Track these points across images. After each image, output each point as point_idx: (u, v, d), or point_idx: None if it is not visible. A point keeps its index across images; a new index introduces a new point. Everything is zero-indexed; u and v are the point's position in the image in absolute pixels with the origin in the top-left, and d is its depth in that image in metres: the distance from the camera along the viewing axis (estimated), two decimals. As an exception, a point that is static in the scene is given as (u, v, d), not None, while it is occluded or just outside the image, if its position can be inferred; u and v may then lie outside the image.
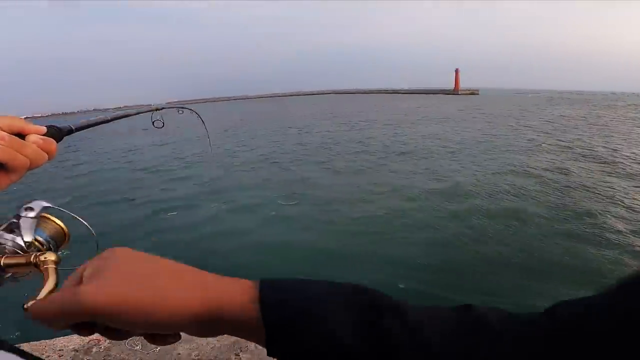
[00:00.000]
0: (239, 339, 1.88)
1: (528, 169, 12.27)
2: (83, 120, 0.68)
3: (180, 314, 0.33)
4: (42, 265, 0.39)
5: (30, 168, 0.51)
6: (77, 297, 0.31)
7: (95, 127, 0.73)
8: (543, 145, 16.66)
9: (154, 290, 0.33)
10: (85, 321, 0.33)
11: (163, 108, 1.16)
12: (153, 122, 1.13)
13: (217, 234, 8.01)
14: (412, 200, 9.47)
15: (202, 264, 0.37)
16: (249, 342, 1.56)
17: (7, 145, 0.47)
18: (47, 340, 1.70)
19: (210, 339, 1.74)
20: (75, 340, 1.70)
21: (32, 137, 0.51)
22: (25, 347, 1.64)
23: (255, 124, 36.94)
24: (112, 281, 0.33)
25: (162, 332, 0.35)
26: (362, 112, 43.57)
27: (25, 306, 0.35)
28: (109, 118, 0.79)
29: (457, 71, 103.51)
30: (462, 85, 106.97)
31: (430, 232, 7.43)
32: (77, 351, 1.61)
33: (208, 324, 0.34)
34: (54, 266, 0.39)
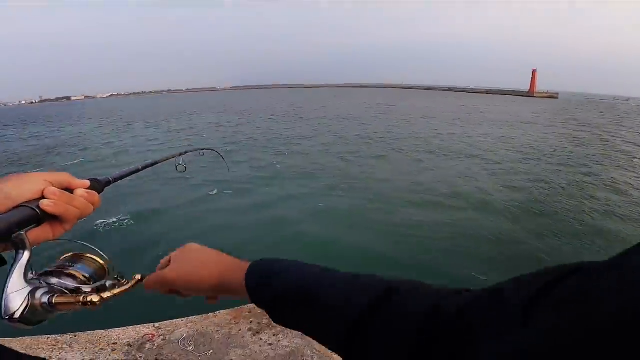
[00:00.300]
0: (294, 350, 1.69)
1: (616, 184, 10.77)
2: (118, 172, 0.78)
3: (207, 288, 0.56)
4: (88, 304, 0.50)
5: (79, 218, 0.58)
6: (160, 278, 0.58)
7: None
8: (635, 160, 14.59)
9: (196, 274, 0.57)
10: (169, 289, 0.58)
11: (186, 152, 1.26)
12: (176, 167, 1.22)
13: (261, 221, 7.96)
14: (477, 208, 8.68)
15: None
16: (305, 354, 1.27)
17: (59, 199, 0.53)
18: (101, 331, 1.61)
19: (264, 349, 1.57)
20: (130, 334, 1.60)
21: (79, 191, 0.58)
22: (80, 336, 1.60)
23: (315, 112, 37.07)
24: (178, 268, 0.57)
25: (204, 296, 0.58)
26: (423, 109, 41.82)
27: (143, 281, 0.59)
28: (140, 168, 0.90)
29: (534, 72, 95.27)
30: (539, 87, 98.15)
31: (497, 247, 6.68)
32: (130, 346, 1.52)
33: (223, 291, 0.56)
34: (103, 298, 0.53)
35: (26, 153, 19.75)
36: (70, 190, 0.57)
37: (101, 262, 0.57)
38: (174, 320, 1.58)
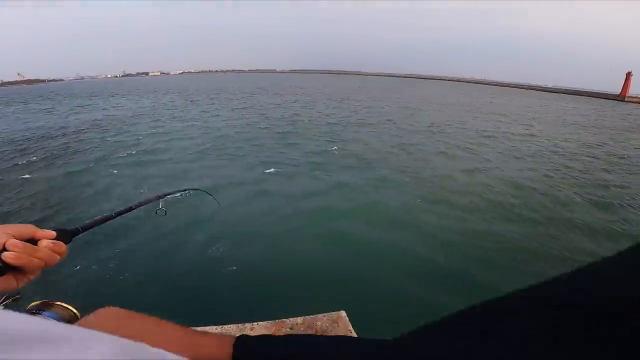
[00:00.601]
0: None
1: None
2: (88, 221, 0.75)
3: None
4: None
5: (45, 267, 0.58)
6: None
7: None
8: None
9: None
10: None
11: (165, 196, 1.17)
12: (156, 211, 1.13)
13: (305, 209, 7.66)
14: (551, 221, 7.63)
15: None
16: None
17: (21, 251, 0.53)
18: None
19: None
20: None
21: (44, 242, 0.58)
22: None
23: (377, 101, 36.02)
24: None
25: None
26: (493, 105, 38.79)
27: None
28: (114, 215, 0.85)
29: (628, 74, 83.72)
30: (632, 91, 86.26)
31: (572, 267, 5.80)
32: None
33: None
34: None
35: (111, 119, 21.72)
36: (34, 241, 0.57)
37: (72, 309, 0.57)
38: (205, 328, 1.36)
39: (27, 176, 10.44)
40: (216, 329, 1.31)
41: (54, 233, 0.61)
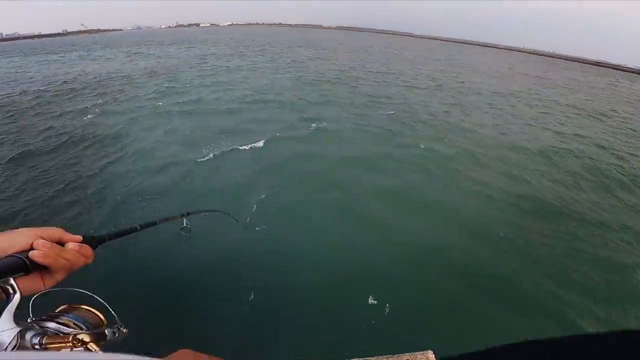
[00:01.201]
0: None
1: None
2: (114, 231, 0.79)
3: None
4: (79, 343, 0.52)
5: (71, 269, 0.60)
6: None
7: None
8: None
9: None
10: None
11: (189, 214, 1.25)
12: (181, 229, 1.23)
13: (338, 182, 6.91)
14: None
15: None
16: None
17: (48, 250, 0.57)
18: None
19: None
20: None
21: (70, 245, 0.61)
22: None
23: (430, 63, 33.62)
24: None
25: None
26: (565, 79, 34.98)
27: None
28: (138, 227, 0.90)
29: None
30: None
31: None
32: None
33: None
34: (93, 344, 0.55)
35: (164, 67, 22.14)
36: (61, 243, 0.60)
37: (99, 314, 0.60)
38: None
39: (89, 117, 10.95)
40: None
41: (80, 237, 0.64)
